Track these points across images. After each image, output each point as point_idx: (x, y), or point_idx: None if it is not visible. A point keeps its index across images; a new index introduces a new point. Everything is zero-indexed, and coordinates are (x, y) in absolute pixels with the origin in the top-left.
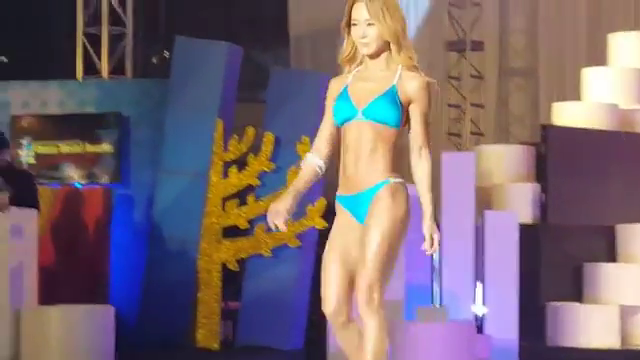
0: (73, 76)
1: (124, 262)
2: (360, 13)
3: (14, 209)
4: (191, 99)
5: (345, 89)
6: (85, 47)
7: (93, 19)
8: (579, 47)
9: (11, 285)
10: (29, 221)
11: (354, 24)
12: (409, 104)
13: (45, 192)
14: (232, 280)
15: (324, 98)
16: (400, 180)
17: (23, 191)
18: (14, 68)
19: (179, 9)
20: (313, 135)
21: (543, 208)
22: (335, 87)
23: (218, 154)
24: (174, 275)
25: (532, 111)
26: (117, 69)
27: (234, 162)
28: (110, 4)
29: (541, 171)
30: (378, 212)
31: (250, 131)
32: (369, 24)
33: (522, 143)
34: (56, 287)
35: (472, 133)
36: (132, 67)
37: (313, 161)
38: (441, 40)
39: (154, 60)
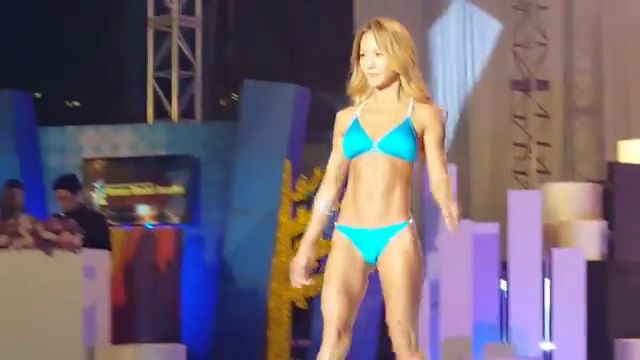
0: (144, 120)
1: (195, 301)
2: (368, 44)
3: (87, 250)
4: (260, 140)
5: (356, 121)
6: (155, 91)
7: (163, 63)
8: None
9: (84, 324)
10: (101, 262)
11: (363, 55)
12: (423, 134)
13: (117, 233)
14: (302, 318)
15: None
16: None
17: (95, 232)
18: (86, 113)
19: (247, 52)
20: None
21: (610, 245)
22: (343, 120)
23: (287, 194)
24: (244, 314)
25: (598, 149)
26: (187, 112)
27: (302, 202)
28: (180, 48)
29: (608, 208)
30: (406, 256)
31: (318, 171)
32: (377, 54)
33: (588, 181)
34: (128, 326)
35: (538, 171)
36: (201, 110)
37: (322, 208)
38: (506, 79)
39: (223, 103)
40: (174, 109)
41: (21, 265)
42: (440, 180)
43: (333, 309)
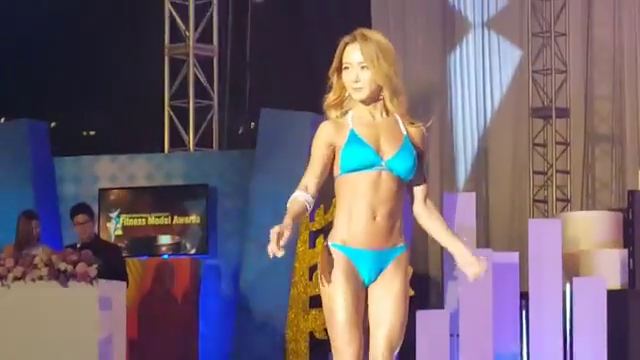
0: (160, 149)
1: (213, 332)
2: (353, 56)
3: (102, 281)
4: (277, 169)
5: (353, 133)
6: (172, 119)
7: (179, 91)
8: None
9: (100, 356)
10: (117, 293)
11: (346, 67)
12: (417, 155)
13: (134, 264)
14: (319, 349)
15: None
16: None
17: (111, 263)
18: (101, 142)
19: (265, 80)
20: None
21: (631, 274)
22: (332, 131)
23: (304, 224)
24: (262, 345)
25: (618, 177)
26: (203, 141)
27: (320, 232)
28: (196, 76)
29: (628, 237)
30: (404, 284)
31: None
32: (362, 67)
33: (609, 209)
34: (145, 358)
35: (558, 199)
36: (218, 139)
37: (303, 197)
38: (526, 107)
39: (240, 131)
40: (190, 138)
41: (37, 296)
42: (429, 215)
43: (349, 346)
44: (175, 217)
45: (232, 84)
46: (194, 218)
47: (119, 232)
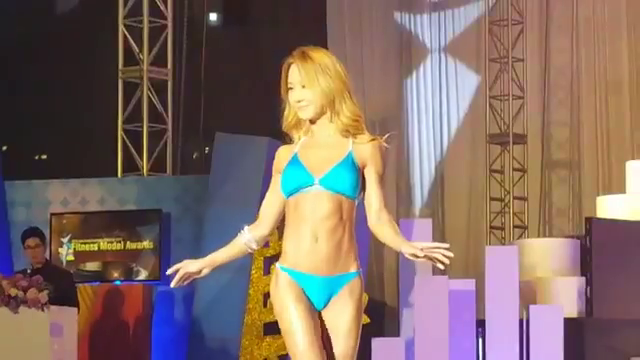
0: (113, 174)
1: (165, 359)
2: (294, 76)
3: (54, 308)
4: (232, 194)
5: (295, 156)
6: (125, 143)
7: (133, 115)
8: (623, 139)
9: None
10: (69, 319)
11: (290, 88)
12: (364, 168)
13: (85, 290)
14: None
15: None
16: None
17: (62, 289)
18: (53, 166)
19: (220, 104)
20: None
21: (588, 302)
22: (283, 156)
23: (259, 250)
24: None
25: (575, 204)
26: (157, 165)
27: (275, 257)
28: (150, 100)
29: (586, 264)
30: (353, 309)
31: None
32: (303, 87)
33: (566, 236)
34: None
35: (515, 226)
36: (172, 163)
37: (247, 238)
38: (483, 133)
39: (194, 156)
40: (144, 162)
41: None
42: (383, 226)
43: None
44: (128, 242)
45: (187, 108)
46: (147, 243)
47: (71, 257)
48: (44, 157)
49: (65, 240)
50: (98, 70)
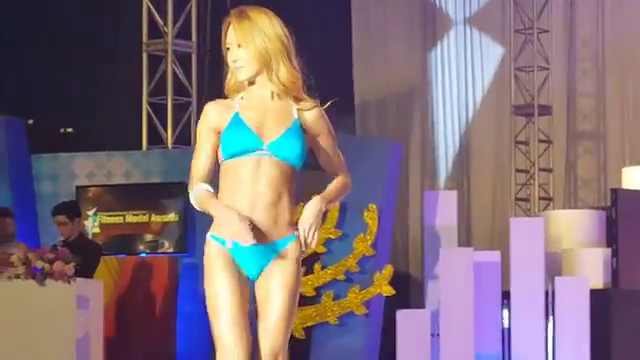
0: (138, 147)
1: (190, 331)
2: (231, 36)
3: (80, 280)
4: None
5: (237, 117)
6: (150, 117)
7: (158, 88)
8: None
9: (78, 355)
10: (95, 292)
11: (227, 48)
12: (311, 138)
13: (111, 262)
14: (298, 348)
15: (389, 164)
16: None
17: (89, 262)
18: (79, 139)
19: None
20: (380, 202)
21: (614, 273)
22: (217, 113)
23: None
24: None
25: (601, 175)
26: (182, 139)
27: None
28: (174, 73)
29: (611, 236)
30: (288, 273)
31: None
32: (239, 46)
33: (592, 208)
34: (122, 357)
35: (541, 198)
36: None
37: (205, 187)
38: (508, 104)
39: None
40: (169, 135)
41: (13, 295)
42: (341, 181)
43: (235, 346)
44: (153, 215)
45: (210, 80)
46: (172, 216)
47: (96, 230)
48: (70, 130)
49: (91, 213)
50: (123, 43)
